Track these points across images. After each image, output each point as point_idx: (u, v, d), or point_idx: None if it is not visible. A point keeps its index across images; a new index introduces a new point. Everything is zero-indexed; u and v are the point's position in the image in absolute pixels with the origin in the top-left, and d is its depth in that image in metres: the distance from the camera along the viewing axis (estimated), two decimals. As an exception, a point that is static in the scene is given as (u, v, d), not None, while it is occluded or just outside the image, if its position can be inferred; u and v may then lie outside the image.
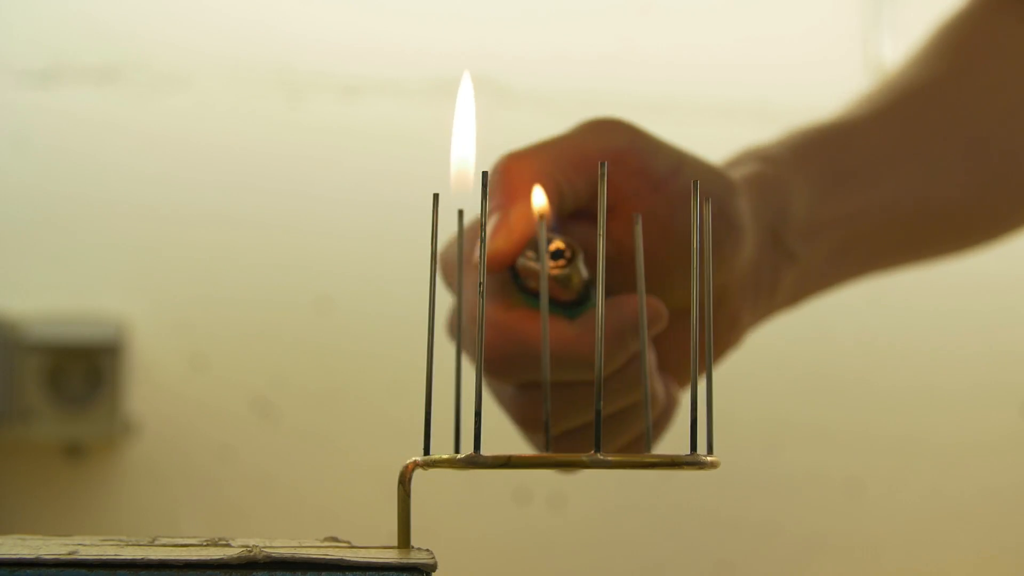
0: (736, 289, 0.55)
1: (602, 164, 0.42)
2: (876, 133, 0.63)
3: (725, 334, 0.56)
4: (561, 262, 0.49)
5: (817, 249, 0.59)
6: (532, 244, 0.49)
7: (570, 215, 0.52)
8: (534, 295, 0.50)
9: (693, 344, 0.43)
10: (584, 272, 0.50)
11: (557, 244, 0.50)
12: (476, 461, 0.41)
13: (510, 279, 0.51)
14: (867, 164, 0.61)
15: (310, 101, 1.16)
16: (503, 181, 0.51)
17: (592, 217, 0.52)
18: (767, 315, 0.59)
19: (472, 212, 0.49)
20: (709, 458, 0.42)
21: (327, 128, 1.16)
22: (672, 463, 0.41)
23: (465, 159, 0.47)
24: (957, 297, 1.20)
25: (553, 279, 0.49)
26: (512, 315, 0.50)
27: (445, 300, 0.46)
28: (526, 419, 0.52)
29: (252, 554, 0.37)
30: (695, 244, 0.43)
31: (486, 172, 0.42)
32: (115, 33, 1.15)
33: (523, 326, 0.50)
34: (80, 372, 1.10)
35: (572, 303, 0.50)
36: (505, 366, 0.50)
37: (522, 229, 0.50)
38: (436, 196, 0.43)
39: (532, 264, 0.50)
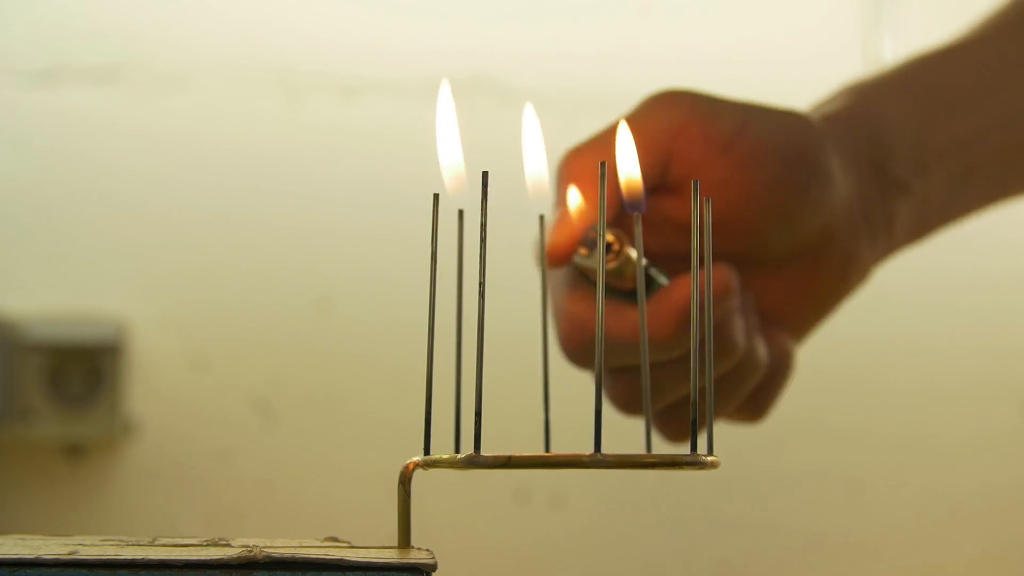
0: (843, 227, 0.55)
1: (602, 164, 0.42)
2: (987, 51, 0.61)
3: (843, 273, 0.56)
4: (610, 256, 0.50)
5: (933, 178, 0.57)
6: (585, 240, 0.51)
7: (648, 192, 0.52)
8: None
9: (694, 344, 0.43)
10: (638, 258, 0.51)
11: (608, 239, 0.50)
12: (476, 461, 0.41)
13: (577, 272, 0.52)
14: (978, 84, 0.59)
15: (310, 101, 1.16)
16: (561, 178, 0.52)
17: (670, 190, 0.53)
18: (891, 250, 0.58)
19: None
20: (709, 458, 0.42)
21: (327, 128, 1.15)
22: (672, 463, 0.42)
23: (455, 164, 0.47)
24: (957, 294, 1.20)
25: (613, 275, 0.50)
26: (581, 305, 0.52)
27: (445, 300, 0.46)
28: (620, 401, 0.53)
29: (252, 554, 0.37)
30: (695, 244, 0.43)
31: (486, 172, 0.42)
32: (115, 33, 1.15)
33: (593, 315, 0.51)
34: (80, 372, 1.10)
35: (634, 290, 0.51)
36: (584, 356, 0.52)
37: (573, 226, 0.51)
38: (436, 196, 0.43)
39: (584, 262, 0.51)
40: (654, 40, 1.19)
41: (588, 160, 0.52)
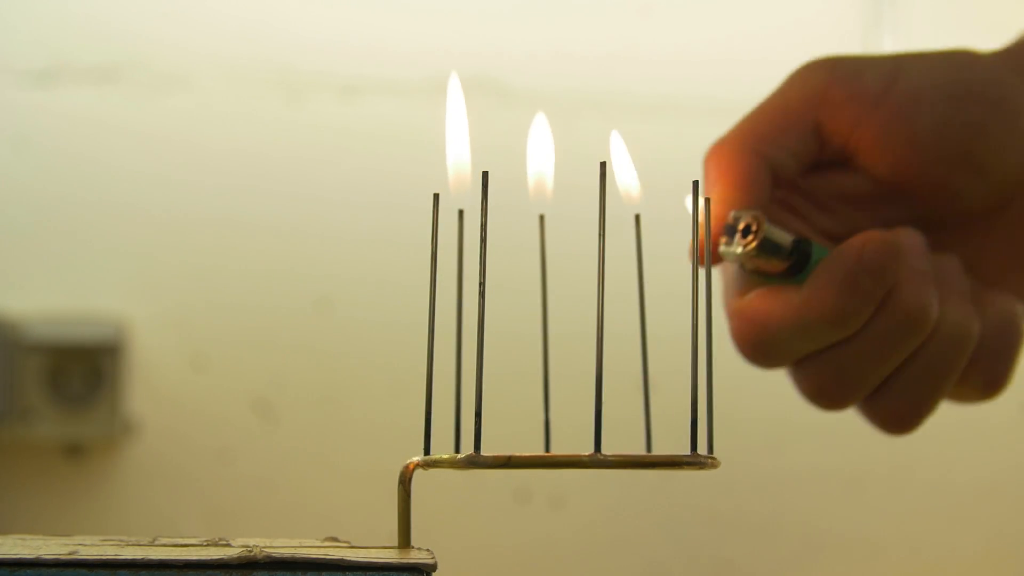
0: None
1: (602, 164, 0.42)
2: None
3: None
4: (749, 238, 0.48)
5: None
6: (725, 229, 0.49)
7: (811, 169, 0.50)
8: (759, 273, 0.49)
9: (694, 336, 0.43)
10: (782, 236, 0.48)
11: (745, 221, 0.48)
12: (476, 461, 0.41)
13: (740, 267, 0.50)
14: None
15: (310, 101, 1.16)
16: (705, 174, 0.50)
17: (832, 164, 0.50)
18: None
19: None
20: (709, 458, 0.42)
21: (327, 128, 1.15)
22: (672, 463, 0.42)
23: (460, 161, 0.47)
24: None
25: (758, 258, 0.48)
26: (743, 302, 0.49)
27: (445, 300, 0.46)
28: (812, 392, 0.51)
29: (252, 554, 0.37)
30: (695, 244, 0.43)
31: (486, 172, 0.42)
32: (115, 33, 1.15)
33: (755, 308, 0.48)
34: (80, 372, 1.10)
35: (792, 268, 0.49)
36: (758, 352, 0.49)
37: (717, 223, 0.49)
38: (436, 196, 0.43)
39: (728, 250, 0.49)
40: (654, 40, 1.19)
41: (723, 149, 0.50)
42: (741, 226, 0.48)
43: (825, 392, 0.50)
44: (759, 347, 0.49)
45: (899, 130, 0.49)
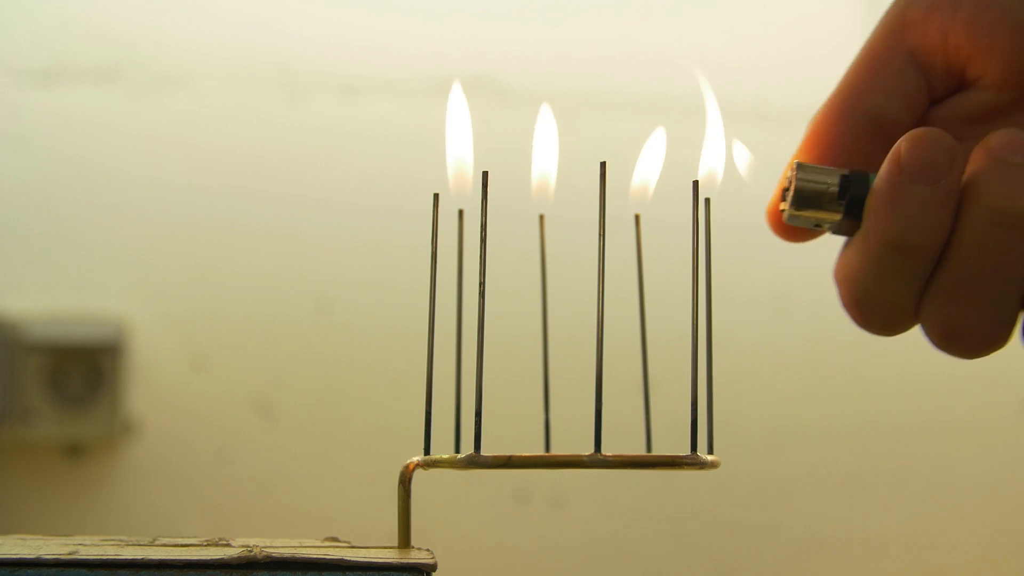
0: None
1: (602, 164, 0.42)
2: None
3: None
4: (788, 191, 0.45)
5: None
6: (784, 195, 0.46)
7: (932, 106, 0.47)
8: (839, 232, 0.45)
9: (695, 344, 0.43)
10: (821, 177, 0.44)
11: (787, 174, 0.45)
12: (476, 461, 0.41)
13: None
14: None
15: (310, 101, 1.16)
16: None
17: (947, 93, 0.47)
18: None
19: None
20: (709, 458, 0.42)
21: (327, 128, 1.16)
22: (672, 463, 0.42)
23: (462, 159, 0.47)
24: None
25: (806, 209, 0.44)
26: (835, 269, 0.46)
27: (445, 300, 0.46)
28: (942, 337, 0.44)
29: (252, 554, 0.37)
30: (695, 244, 0.43)
31: (486, 172, 0.42)
32: (115, 33, 1.15)
33: (839, 269, 0.45)
34: (80, 372, 1.10)
35: (850, 208, 0.44)
36: (860, 314, 0.45)
37: (779, 186, 0.46)
38: (436, 196, 0.43)
39: (789, 212, 0.45)
40: (654, 40, 1.19)
41: (816, 115, 0.47)
42: (787, 183, 0.45)
43: (953, 332, 0.43)
44: (857, 309, 0.45)
45: (992, 18, 0.45)
